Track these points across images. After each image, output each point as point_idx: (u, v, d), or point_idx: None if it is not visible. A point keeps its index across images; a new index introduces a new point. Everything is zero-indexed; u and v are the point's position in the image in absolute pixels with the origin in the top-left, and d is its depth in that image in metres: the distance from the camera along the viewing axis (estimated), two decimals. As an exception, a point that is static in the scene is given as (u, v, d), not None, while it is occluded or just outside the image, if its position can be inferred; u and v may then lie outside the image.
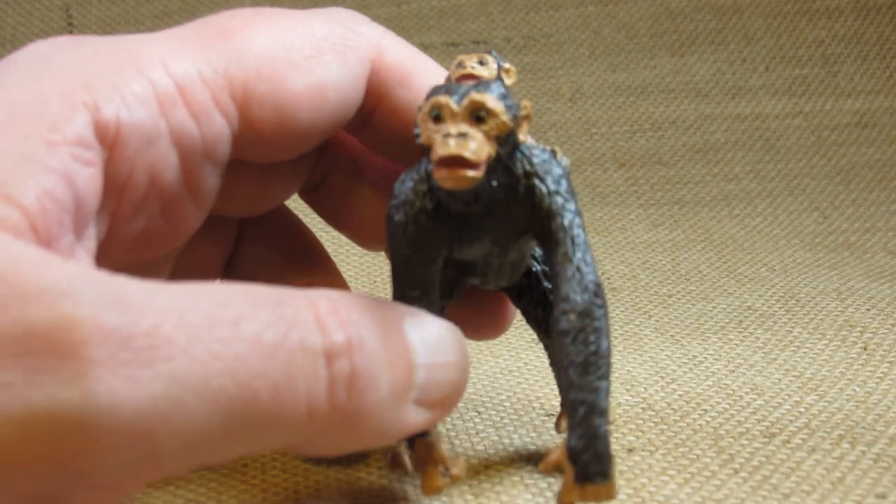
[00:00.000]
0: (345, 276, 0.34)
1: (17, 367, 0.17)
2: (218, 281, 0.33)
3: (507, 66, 0.27)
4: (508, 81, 0.27)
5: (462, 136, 0.23)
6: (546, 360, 0.42)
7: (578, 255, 0.25)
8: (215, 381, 0.19)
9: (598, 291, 0.25)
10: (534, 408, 0.37)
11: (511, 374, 0.41)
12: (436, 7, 0.80)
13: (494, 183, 0.25)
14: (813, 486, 0.30)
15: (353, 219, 0.32)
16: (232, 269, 0.32)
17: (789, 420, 0.35)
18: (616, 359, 0.26)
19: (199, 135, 0.25)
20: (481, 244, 0.27)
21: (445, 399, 0.25)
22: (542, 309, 0.31)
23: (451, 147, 0.23)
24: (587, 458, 0.25)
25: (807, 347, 0.42)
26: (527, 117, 0.25)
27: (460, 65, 0.26)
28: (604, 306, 0.25)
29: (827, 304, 0.48)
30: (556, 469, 0.27)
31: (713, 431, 0.34)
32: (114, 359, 0.18)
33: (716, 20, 0.78)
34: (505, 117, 0.24)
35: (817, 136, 0.74)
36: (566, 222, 0.25)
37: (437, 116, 0.24)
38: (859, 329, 0.44)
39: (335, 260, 0.34)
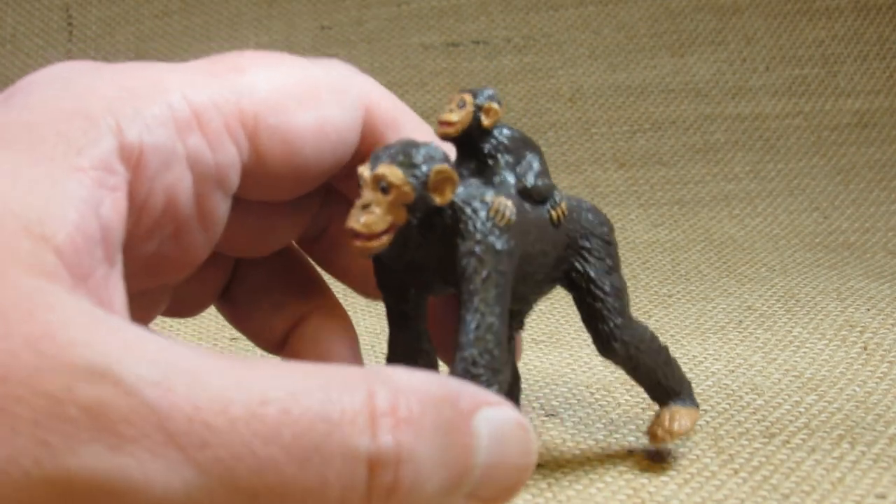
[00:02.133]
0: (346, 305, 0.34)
1: (59, 432, 0.18)
2: (261, 355, 0.32)
3: (488, 105, 0.28)
4: (486, 121, 0.28)
5: (365, 207, 0.25)
6: (545, 360, 0.42)
7: (471, 323, 0.26)
8: (246, 480, 0.19)
9: (477, 362, 0.25)
10: (534, 408, 0.37)
11: (511, 374, 0.41)
12: (436, 7, 0.80)
13: (411, 244, 0.26)
14: (813, 487, 0.30)
15: (354, 269, 0.33)
16: (228, 297, 0.33)
17: (789, 420, 0.35)
18: (502, 389, 0.26)
19: (213, 161, 0.25)
20: (440, 287, 0.28)
21: (500, 496, 0.23)
22: (585, 324, 0.31)
23: (350, 220, 0.25)
24: None
25: (807, 347, 0.42)
26: (445, 180, 0.26)
27: (446, 105, 0.28)
28: (481, 379, 0.25)
29: (827, 304, 0.48)
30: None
31: (713, 431, 0.34)
32: (150, 439, 0.18)
33: (716, 20, 0.78)
34: (406, 188, 0.25)
35: (817, 136, 0.74)
36: (472, 286, 0.26)
37: (360, 184, 0.26)
38: (859, 329, 0.44)
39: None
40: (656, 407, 0.36)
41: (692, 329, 0.46)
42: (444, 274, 0.27)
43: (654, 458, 0.32)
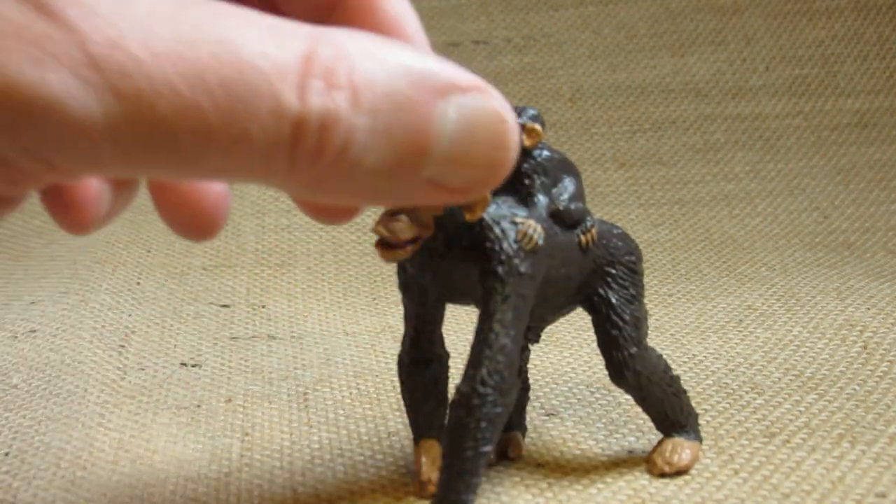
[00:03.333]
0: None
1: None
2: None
3: (530, 126, 0.28)
4: (527, 142, 0.28)
5: (393, 214, 0.26)
6: (545, 360, 0.42)
7: (488, 340, 0.26)
8: (167, 117, 0.18)
9: (487, 380, 0.26)
10: (534, 407, 0.37)
11: (511, 373, 0.41)
12: (436, 7, 0.80)
13: (437, 257, 0.28)
14: (813, 486, 0.30)
15: None
16: None
17: (789, 419, 0.35)
18: (508, 408, 0.27)
19: None
20: (462, 298, 0.29)
21: (469, 188, 0.21)
22: (600, 349, 0.32)
23: (377, 225, 0.26)
24: None
25: (807, 347, 0.42)
26: (478, 199, 0.25)
27: None
28: (487, 397, 0.26)
29: (827, 304, 0.48)
30: None
31: (713, 431, 0.34)
32: (70, 57, 0.18)
33: (716, 20, 0.78)
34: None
35: (817, 136, 0.74)
36: (491, 306, 0.27)
37: None
38: (859, 328, 0.44)
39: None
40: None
41: (692, 328, 0.46)
42: (465, 288, 0.28)
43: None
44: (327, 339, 0.47)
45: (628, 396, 0.37)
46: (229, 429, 0.37)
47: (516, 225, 0.27)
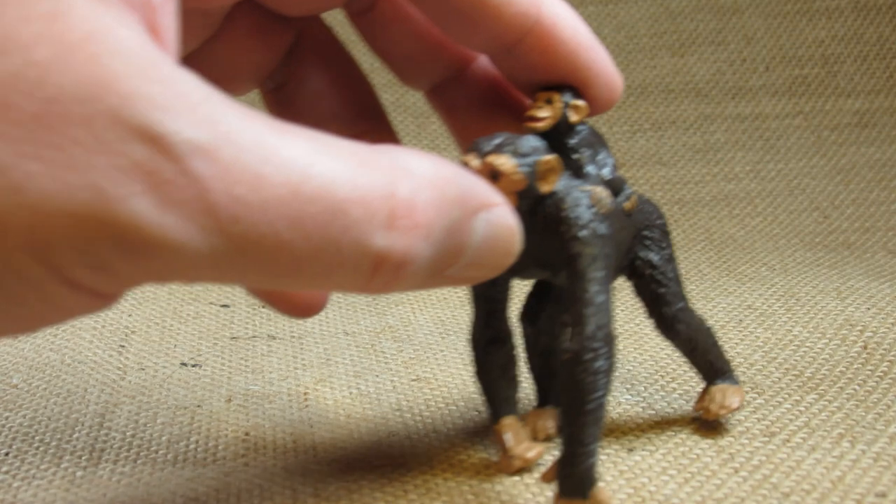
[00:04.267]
0: None
1: (113, 180, 0.19)
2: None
3: (575, 102, 0.30)
4: (575, 117, 0.30)
5: None
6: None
7: (586, 299, 0.28)
8: (265, 256, 0.20)
9: (595, 336, 0.27)
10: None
11: (511, 373, 0.41)
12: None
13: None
14: (813, 485, 0.30)
15: (398, 50, 0.32)
16: (283, 94, 0.32)
17: (789, 419, 0.35)
18: (616, 358, 0.28)
19: None
20: (531, 270, 0.30)
21: (473, 278, 0.25)
22: (648, 309, 0.33)
23: None
24: (567, 478, 0.28)
25: (807, 346, 0.42)
26: (550, 169, 0.28)
27: (532, 104, 0.30)
28: (598, 350, 0.27)
29: (827, 304, 0.48)
30: (553, 481, 0.28)
31: (713, 431, 0.34)
32: (190, 206, 0.19)
33: (716, 20, 0.78)
34: (517, 176, 0.28)
35: (817, 136, 0.74)
36: (581, 267, 0.28)
37: None
38: (859, 328, 0.44)
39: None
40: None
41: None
42: (542, 259, 0.29)
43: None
44: (327, 339, 0.47)
45: (629, 396, 0.37)
46: (229, 429, 0.37)
47: (587, 192, 0.29)
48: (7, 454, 0.35)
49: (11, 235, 0.19)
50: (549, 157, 0.28)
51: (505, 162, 0.27)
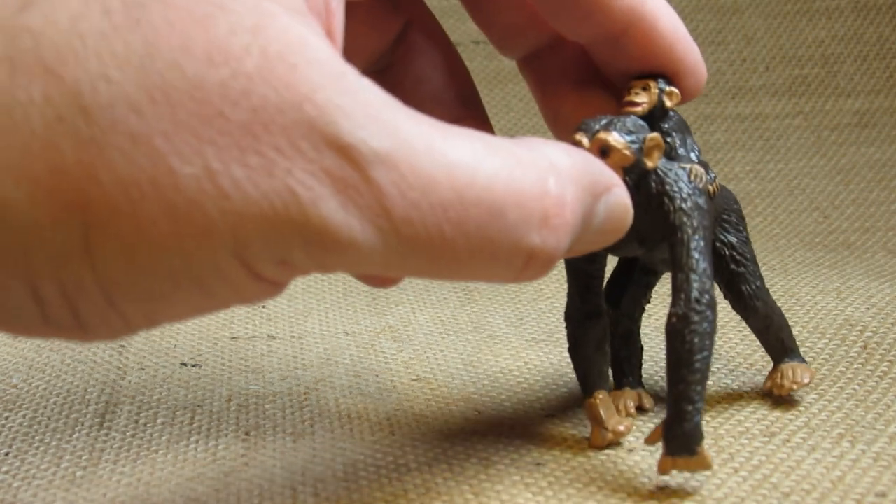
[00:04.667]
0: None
1: (306, 185, 0.21)
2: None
3: (669, 89, 0.32)
4: (669, 103, 0.32)
5: None
6: (546, 360, 0.42)
7: (690, 265, 0.29)
8: (431, 253, 0.22)
9: (700, 300, 0.29)
10: (534, 408, 0.37)
11: (511, 373, 0.41)
12: (436, 7, 0.79)
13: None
14: (813, 485, 0.30)
15: (498, 19, 0.33)
16: (389, 73, 0.34)
17: (789, 419, 0.35)
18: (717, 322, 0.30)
19: None
20: (630, 246, 0.31)
21: (593, 247, 0.27)
22: (727, 288, 0.35)
23: None
24: (675, 437, 0.29)
25: (807, 346, 0.42)
26: (656, 146, 0.30)
27: (628, 90, 0.32)
28: (703, 313, 0.29)
29: (827, 304, 0.48)
30: (658, 441, 0.30)
31: (713, 431, 0.34)
32: (371, 209, 0.21)
33: (716, 20, 0.78)
34: (627, 151, 0.29)
35: (817, 136, 0.74)
36: (685, 236, 0.30)
37: None
38: (859, 328, 0.44)
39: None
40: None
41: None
42: (643, 233, 0.31)
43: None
44: (327, 339, 0.47)
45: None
46: (229, 429, 0.37)
47: (685, 169, 0.31)
48: (7, 454, 0.35)
49: (218, 238, 0.20)
50: (655, 135, 0.30)
51: (618, 139, 0.29)
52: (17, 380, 0.42)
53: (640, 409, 0.36)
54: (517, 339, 0.46)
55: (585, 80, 0.33)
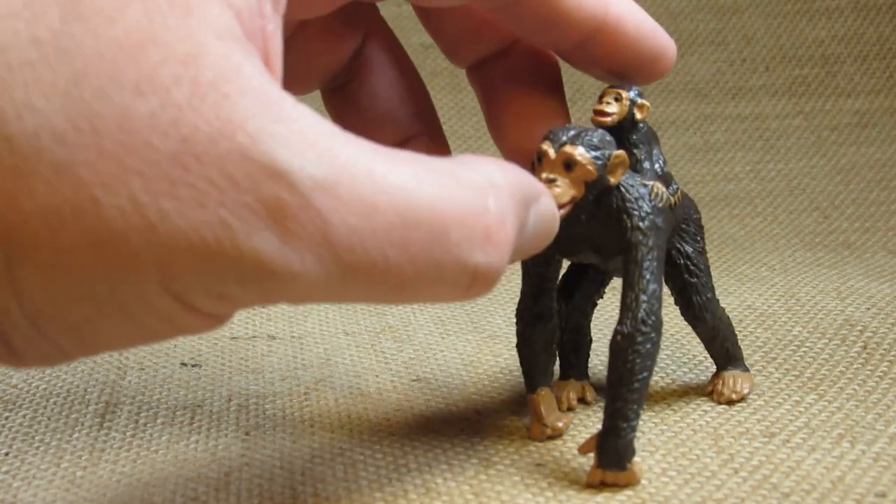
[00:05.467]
0: None
1: (239, 217, 0.20)
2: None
3: (640, 102, 0.33)
4: (640, 116, 0.33)
5: (550, 181, 0.29)
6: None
7: (641, 286, 0.30)
8: (375, 279, 0.22)
9: (646, 321, 0.30)
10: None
11: (511, 373, 0.41)
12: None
13: (583, 216, 0.30)
14: (813, 485, 0.30)
15: (448, 28, 0.33)
16: (343, 92, 0.34)
17: (789, 419, 0.35)
18: (661, 343, 0.30)
19: None
20: (586, 254, 0.32)
21: (522, 257, 0.28)
22: (678, 295, 0.36)
23: None
24: (607, 451, 0.30)
25: (807, 346, 0.42)
26: (620, 164, 0.30)
27: (600, 98, 0.33)
28: (648, 335, 0.30)
29: (827, 304, 0.48)
30: (591, 451, 0.30)
31: (713, 431, 0.34)
32: (311, 239, 0.21)
33: (716, 20, 0.78)
34: (591, 167, 0.29)
35: (817, 136, 0.74)
36: (640, 255, 0.30)
37: (539, 159, 0.30)
38: (859, 328, 0.44)
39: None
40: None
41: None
42: (599, 245, 0.31)
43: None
44: (327, 339, 0.47)
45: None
46: (229, 429, 0.37)
47: (647, 186, 0.31)
48: (7, 454, 0.35)
49: (143, 269, 0.20)
50: (620, 152, 0.30)
51: (583, 153, 0.29)
52: (17, 380, 0.42)
53: (583, 401, 0.37)
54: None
55: (530, 88, 0.33)
